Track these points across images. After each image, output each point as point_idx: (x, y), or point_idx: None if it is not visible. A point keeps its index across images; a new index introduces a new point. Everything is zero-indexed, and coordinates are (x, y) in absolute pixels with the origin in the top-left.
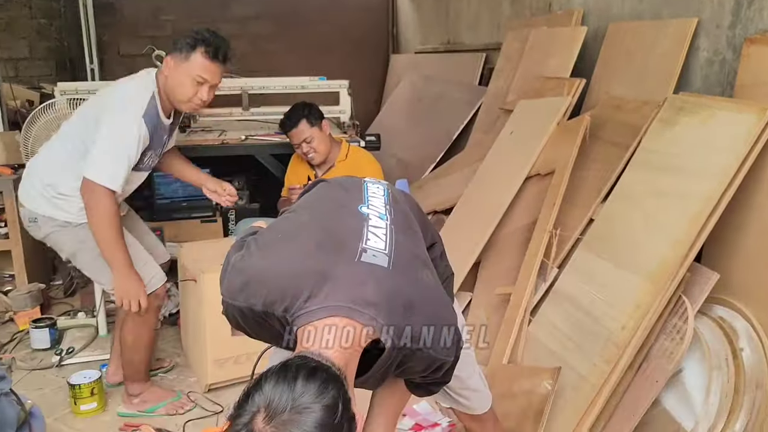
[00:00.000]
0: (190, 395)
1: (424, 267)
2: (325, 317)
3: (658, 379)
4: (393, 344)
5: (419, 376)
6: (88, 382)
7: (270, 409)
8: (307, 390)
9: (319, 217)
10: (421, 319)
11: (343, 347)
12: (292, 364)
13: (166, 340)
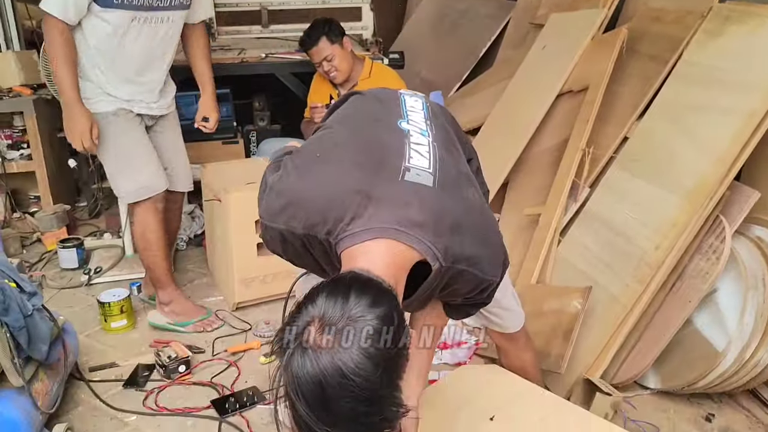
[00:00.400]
0: (218, 314)
1: (470, 185)
2: (370, 239)
3: (691, 300)
4: (440, 266)
5: (463, 298)
6: (118, 300)
7: (324, 319)
8: (361, 302)
9: (357, 134)
10: (469, 239)
11: (390, 269)
12: (344, 278)
13: (192, 261)
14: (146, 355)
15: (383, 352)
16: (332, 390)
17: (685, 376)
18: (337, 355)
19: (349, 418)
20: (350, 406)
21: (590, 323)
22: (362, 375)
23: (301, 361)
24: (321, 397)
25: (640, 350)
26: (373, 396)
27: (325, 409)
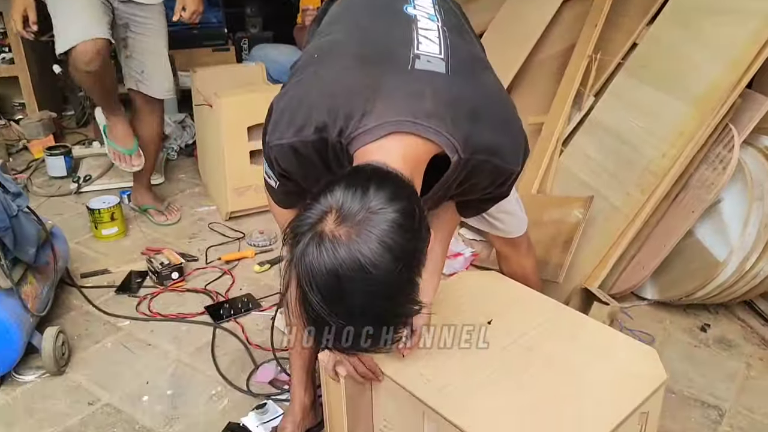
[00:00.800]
0: (211, 225)
1: (485, 69)
2: (385, 135)
3: (695, 210)
4: (459, 158)
5: (481, 193)
6: (108, 207)
7: (342, 210)
8: (381, 194)
9: (358, 26)
10: (488, 127)
11: (407, 163)
12: (363, 169)
13: (183, 170)
14: (138, 262)
15: (403, 246)
16: (349, 283)
17: (684, 286)
18: (355, 247)
19: (364, 312)
20: (367, 300)
21: (590, 233)
22: (381, 268)
23: (317, 252)
24: (336, 290)
25: (640, 261)
26: (390, 291)
27: (340, 302)
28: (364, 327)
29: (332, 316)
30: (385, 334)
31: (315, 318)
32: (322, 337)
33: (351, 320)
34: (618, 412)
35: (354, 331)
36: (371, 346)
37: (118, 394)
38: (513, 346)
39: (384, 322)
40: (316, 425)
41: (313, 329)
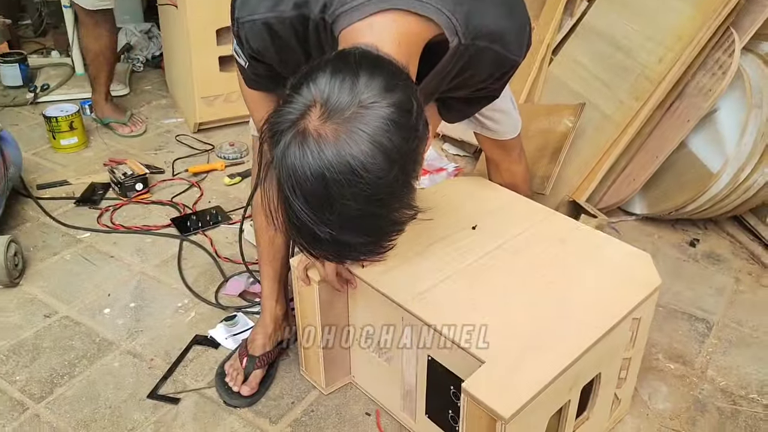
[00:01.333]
0: (178, 138)
1: None
2: (377, 12)
3: (690, 119)
4: (459, 42)
5: (474, 88)
6: (66, 115)
7: (328, 104)
8: (373, 84)
9: None
10: (492, 9)
11: (401, 47)
12: (350, 54)
13: (149, 82)
14: (100, 174)
15: (399, 146)
16: (338, 188)
17: (675, 199)
18: (344, 148)
19: (355, 220)
20: (358, 207)
21: (579, 145)
22: (374, 172)
23: (300, 153)
24: (324, 196)
25: (630, 173)
26: (385, 196)
27: (327, 208)
28: (355, 236)
29: (319, 225)
30: (378, 244)
31: (299, 226)
32: (307, 247)
33: (342, 229)
34: (609, 317)
35: (343, 241)
36: (362, 256)
37: (76, 307)
38: (498, 251)
39: (377, 231)
40: (288, 338)
41: (298, 238)
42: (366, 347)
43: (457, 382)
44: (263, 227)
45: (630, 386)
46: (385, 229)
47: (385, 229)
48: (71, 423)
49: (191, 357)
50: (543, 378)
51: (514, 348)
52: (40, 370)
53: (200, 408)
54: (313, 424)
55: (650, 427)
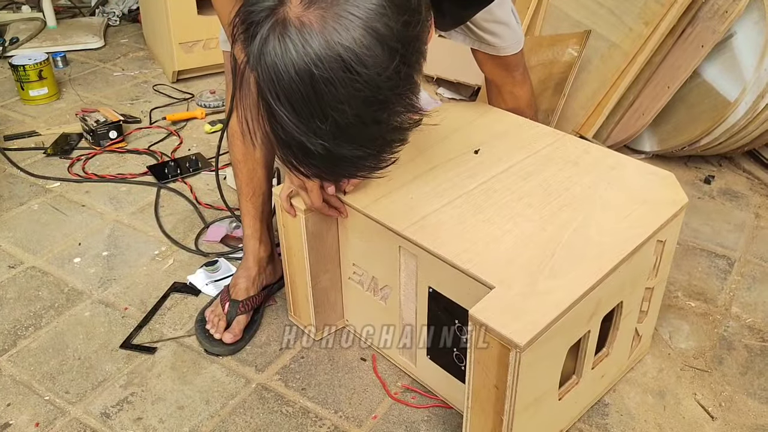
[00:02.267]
0: (156, 88)
1: None
2: None
3: (704, 44)
4: None
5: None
6: (34, 63)
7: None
8: None
9: None
10: None
11: None
12: None
13: (126, 35)
14: (72, 124)
15: (398, 32)
16: (329, 89)
17: (689, 132)
18: (333, 37)
19: (351, 128)
20: (354, 112)
21: (583, 78)
22: (371, 66)
23: (281, 48)
24: (313, 100)
25: (639, 106)
26: (385, 96)
27: (318, 116)
28: (352, 148)
29: (309, 137)
30: (379, 156)
31: (286, 140)
32: (296, 164)
33: (335, 141)
34: (633, 237)
35: (338, 154)
36: (361, 171)
37: (44, 257)
38: (504, 174)
39: (377, 141)
40: (275, 282)
41: (285, 154)
42: (360, 285)
43: (463, 314)
44: (241, 158)
45: (651, 322)
46: (386, 138)
47: (386, 137)
48: (36, 376)
49: (169, 305)
50: (562, 302)
51: (527, 273)
52: (3, 323)
53: (179, 357)
54: (304, 371)
55: (673, 366)
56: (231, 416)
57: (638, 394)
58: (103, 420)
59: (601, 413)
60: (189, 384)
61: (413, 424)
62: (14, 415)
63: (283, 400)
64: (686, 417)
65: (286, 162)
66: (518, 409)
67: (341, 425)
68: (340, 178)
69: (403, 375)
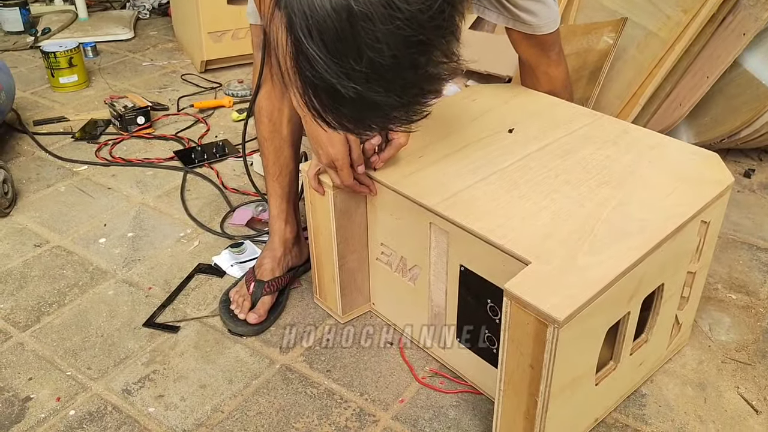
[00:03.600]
0: (184, 77)
1: None
2: None
3: (746, 32)
4: None
5: None
6: (64, 50)
7: None
8: None
9: None
10: None
11: None
12: None
13: (155, 28)
14: (101, 111)
15: None
16: (367, 23)
17: (728, 124)
18: None
19: (388, 71)
20: (392, 53)
21: (619, 67)
22: (413, 1)
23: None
24: (349, 37)
25: (677, 97)
26: (427, 38)
27: (353, 55)
28: (385, 94)
29: (341, 78)
30: (411, 107)
31: (315, 82)
32: (322, 111)
33: (368, 84)
34: (676, 216)
35: (370, 100)
36: (390, 123)
37: (70, 237)
38: (540, 152)
39: (413, 86)
40: (301, 264)
41: (312, 99)
42: (388, 265)
43: (496, 294)
44: (268, 136)
45: (692, 310)
46: (422, 87)
47: (422, 86)
48: (58, 351)
49: (193, 286)
50: (603, 278)
51: (565, 248)
52: (27, 299)
53: (202, 337)
54: (328, 354)
55: (713, 358)
56: (254, 396)
57: (677, 386)
58: (124, 396)
59: (638, 404)
60: (212, 363)
61: (441, 409)
62: (36, 389)
63: (307, 382)
64: (728, 410)
65: (311, 109)
66: (554, 391)
67: (367, 408)
68: (367, 128)
69: (431, 359)
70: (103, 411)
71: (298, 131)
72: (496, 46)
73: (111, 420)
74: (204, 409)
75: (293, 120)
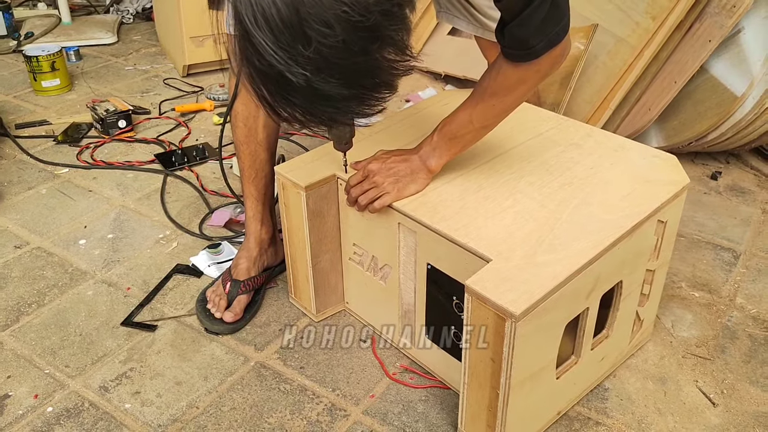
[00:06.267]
0: (167, 81)
1: None
2: None
3: (712, 39)
4: None
5: None
6: (47, 54)
7: None
8: None
9: None
10: None
11: None
12: None
13: (139, 33)
14: (83, 114)
15: None
16: (314, 8)
17: (695, 128)
18: None
19: (337, 58)
20: (340, 36)
21: (590, 72)
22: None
23: None
24: (296, 23)
25: (646, 102)
26: (375, 23)
27: (301, 40)
28: (336, 84)
29: (290, 65)
30: (364, 98)
31: (264, 71)
32: (273, 102)
33: (318, 71)
34: (632, 215)
35: (320, 90)
36: (341, 115)
37: (50, 239)
38: (507, 155)
39: (364, 77)
40: (276, 264)
41: (262, 89)
42: (360, 265)
43: (461, 291)
44: (243, 140)
45: (653, 306)
46: (374, 78)
47: (374, 76)
48: (37, 350)
49: (171, 286)
50: (559, 274)
51: (525, 247)
52: (7, 299)
53: (179, 335)
54: (303, 351)
55: (674, 354)
56: (229, 392)
57: (639, 380)
58: (101, 393)
59: (600, 397)
60: (188, 361)
61: (410, 403)
62: (14, 386)
63: (281, 378)
64: (687, 403)
65: (261, 100)
66: (515, 384)
67: (338, 403)
68: (320, 121)
69: (402, 356)
70: (80, 407)
71: (273, 135)
72: (472, 51)
73: (88, 416)
74: (179, 405)
75: (268, 125)
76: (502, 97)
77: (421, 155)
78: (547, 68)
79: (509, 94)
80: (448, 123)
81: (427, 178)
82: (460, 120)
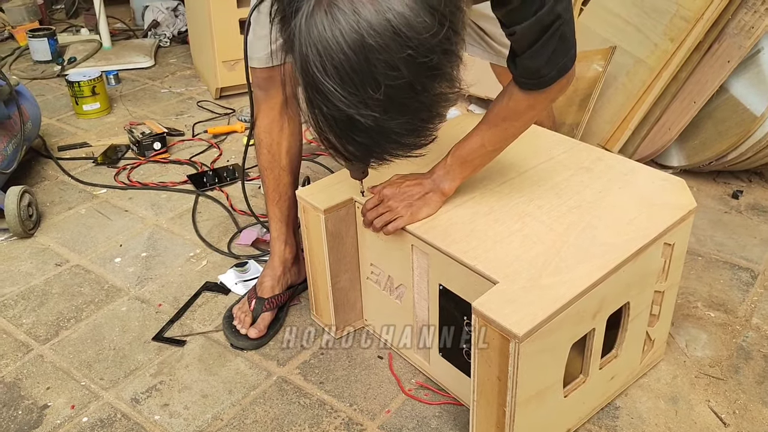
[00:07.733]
0: (200, 104)
1: None
2: None
3: (731, 59)
4: None
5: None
6: (88, 80)
7: None
8: None
9: None
10: None
11: None
12: None
13: (175, 56)
14: (121, 136)
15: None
16: (382, 54)
17: (716, 147)
18: (382, 4)
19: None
20: (405, 79)
21: (610, 93)
22: (421, 29)
23: (329, 20)
24: (365, 69)
25: (665, 122)
26: (436, 60)
27: (369, 82)
28: (401, 119)
29: (360, 108)
30: (422, 130)
31: (333, 116)
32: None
33: (385, 112)
34: (638, 238)
35: (387, 128)
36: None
37: (88, 257)
38: (518, 179)
39: (424, 110)
40: (300, 282)
41: (329, 134)
42: (377, 284)
43: (470, 310)
44: (267, 166)
45: (664, 327)
46: (431, 110)
47: (432, 109)
48: (74, 363)
49: (200, 303)
50: (563, 296)
51: (531, 269)
52: (48, 314)
53: (206, 350)
54: (323, 367)
55: (687, 373)
56: (251, 405)
57: (650, 399)
58: (132, 405)
59: (611, 415)
60: (214, 375)
61: (424, 419)
62: (53, 397)
63: (301, 392)
64: (698, 422)
65: (324, 142)
66: (520, 401)
67: (355, 417)
68: (380, 157)
69: (417, 373)
70: (113, 418)
71: (296, 161)
72: None
73: (120, 426)
74: (205, 417)
75: (291, 151)
76: (512, 122)
77: (435, 179)
78: (555, 94)
79: (519, 119)
80: (461, 147)
81: (440, 200)
82: (472, 144)
